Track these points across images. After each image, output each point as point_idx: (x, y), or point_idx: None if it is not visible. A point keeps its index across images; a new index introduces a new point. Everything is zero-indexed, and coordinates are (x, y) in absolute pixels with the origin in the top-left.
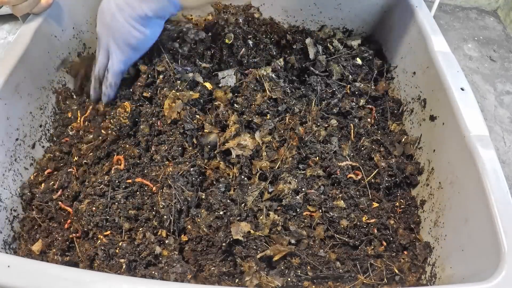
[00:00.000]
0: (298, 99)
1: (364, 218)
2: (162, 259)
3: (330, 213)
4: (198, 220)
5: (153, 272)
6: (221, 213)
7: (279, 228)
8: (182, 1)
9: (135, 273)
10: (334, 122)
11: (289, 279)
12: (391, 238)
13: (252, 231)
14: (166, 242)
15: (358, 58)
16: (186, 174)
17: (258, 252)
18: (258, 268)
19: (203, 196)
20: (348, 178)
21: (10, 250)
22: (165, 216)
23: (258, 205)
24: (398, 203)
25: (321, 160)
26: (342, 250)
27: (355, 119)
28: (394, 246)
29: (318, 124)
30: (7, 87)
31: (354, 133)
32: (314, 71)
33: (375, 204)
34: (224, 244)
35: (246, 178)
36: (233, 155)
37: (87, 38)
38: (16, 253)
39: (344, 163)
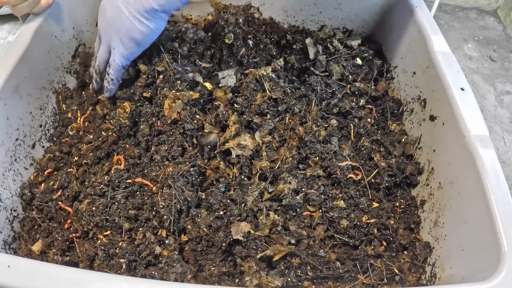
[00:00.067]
0: (298, 99)
1: (364, 218)
2: (162, 259)
3: (330, 213)
4: (198, 220)
5: (153, 272)
6: (221, 213)
7: (279, 228)
8: None
9: (135, 273)
10: (334, 122)
11: (289, 279)
12: (391, 238)
13: (252, 231)
14: (166, 242)
15: (358, 58)
16: (186, 174)
17: (258, 252)
18: (258, 268)
19: (203, 196)
20: (348, 178)
21: (10, 250)
22: (165, 216)
23: (258, 205)
24: (398, 203)
25: (321, 160)
26: (342, 250)
27: (355, 119)
28: (394, 246)
29: (318, 124)
30: (7, 87)
31: (354, 133)
32: (314, 71)
33: (375, 204)
34: (224, 244)
35: (246, 178)
36: (233, 155)
37: (87, 38)
38: (16, 253)
39: (344, 163)
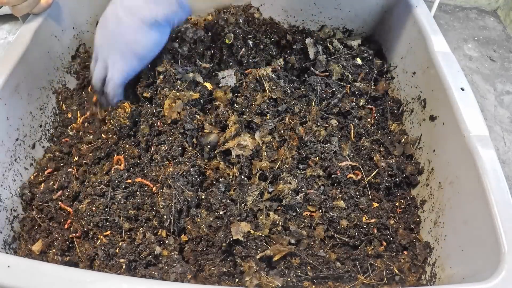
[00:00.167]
0: (298, 99)
1: (364, 218)
2: (162, 259)
3: (330, 213)
4: (198, 220)
5: (153, 272)
6: (221, 213)
7: (279, 228)
8: (192, 5)
9: (135, 273)
10: (334, 122)
11: (289, 279)
12: (391, 238)
13: (252, 231)
14: (166, 242)
15: (358, 58)
16: (186, 174)
17: (258, 252)
18: (258, 268)
19: (203, 196)
20: (348, 178)
21: (10, 250)
22: (165, 216)
23: (258, 205)
24: (398, 203)
25: (321, 160)
26: (342, 250)
27: (355, 119)
28: (394, 246)
29: (318, 124)
30: (7, 87)
31: (354, 133)
32: (314, 71)
33: (375, 204)
34: (224, 244)
35: (246, 178)
36: (233, 155)
37: (87, 38)
38: (16, 253)
39: (344, 163)
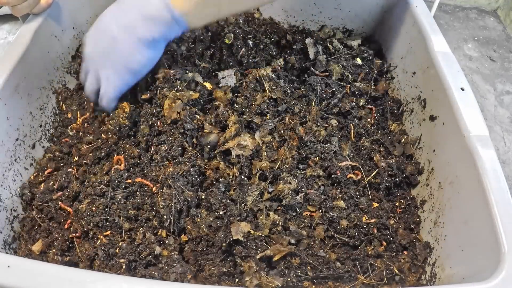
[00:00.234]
0: (298, 99)
1: (364, 218)
2: (162, 259)
3: (330, 213)
4: (198, 220)
5: (153, 272)
6: (221, 213)
7: (279, 228)
8: (189, 22)
9: (135, 273)
10: (334, 122)
11: (289, 279)
12: (391, 238)
13: (252, 231)
14: (166, 242)
15: (358, 58)
16: (186, 174)
17: (258, 252)
18: (258, 268)
19: (203, 196)
20: (348, 178)
21: (10, 250)
22: (165, 216)
23: (258, 205)
24: (398, 203)
25: (321, 160)
26: (342, 250)
27: (355, 119)
28: (394, 246)
29: (318, 124)
30: (7, 87)
31: (354, 133)
32: (314, 71)
33: (375, 204)
34: (224, 244)
35: (246, 178)
36: (233, 155)
37: None
38: (16, 253)
39: (344, 163)
